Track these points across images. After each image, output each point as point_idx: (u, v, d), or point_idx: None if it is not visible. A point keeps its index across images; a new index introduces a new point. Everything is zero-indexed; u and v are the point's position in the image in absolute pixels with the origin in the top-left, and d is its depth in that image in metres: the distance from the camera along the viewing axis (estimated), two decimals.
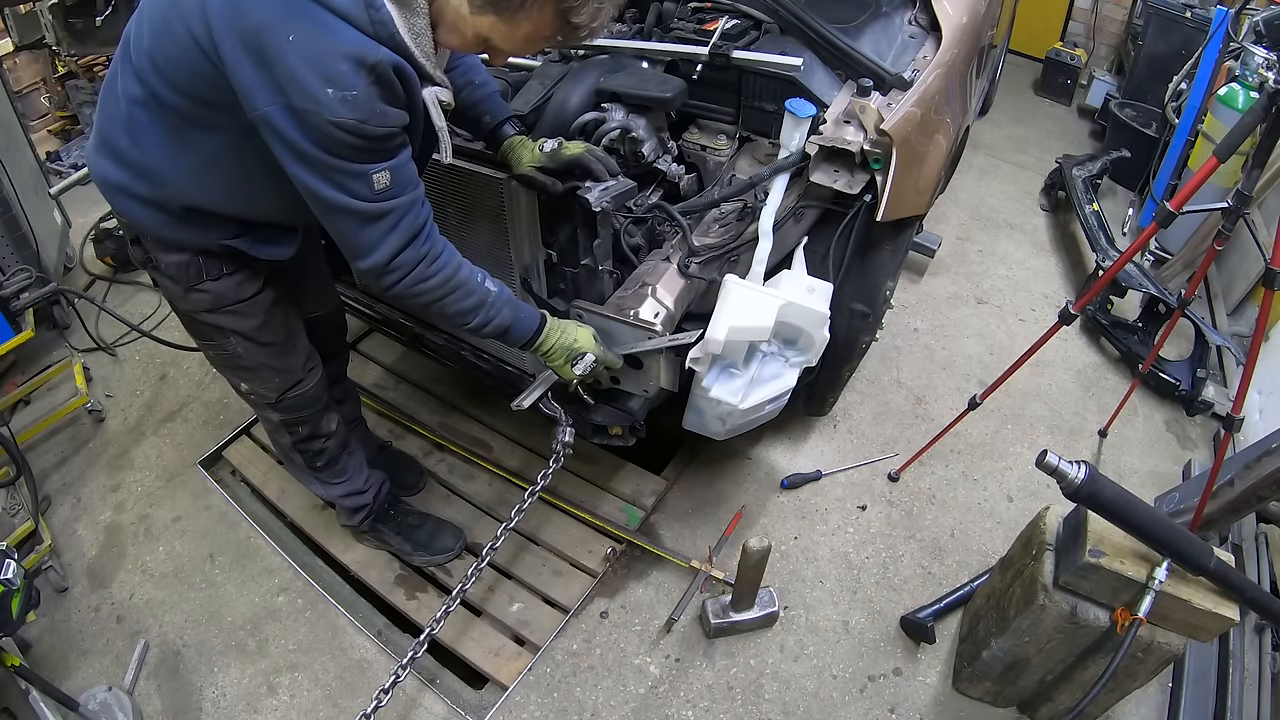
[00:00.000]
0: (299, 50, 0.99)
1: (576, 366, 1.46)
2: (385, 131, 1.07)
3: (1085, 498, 1.31)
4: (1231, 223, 1.71)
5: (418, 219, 1.19)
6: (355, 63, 1.00)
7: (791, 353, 1.73)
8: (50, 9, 3.22)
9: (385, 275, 1.20)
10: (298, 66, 0.99)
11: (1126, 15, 4.33)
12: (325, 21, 0.99)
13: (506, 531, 1.64)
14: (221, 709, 1.85)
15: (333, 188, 1.09)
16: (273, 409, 1.64)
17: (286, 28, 0.98)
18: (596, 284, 1.67)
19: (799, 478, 2.32)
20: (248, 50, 1.00)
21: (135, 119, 1.18)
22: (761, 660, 1.93)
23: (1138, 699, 1.81)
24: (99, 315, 2.85)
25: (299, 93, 1.00)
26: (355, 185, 1.10)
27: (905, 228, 1.88)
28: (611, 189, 1.53)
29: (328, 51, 0.99)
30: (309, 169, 1.08)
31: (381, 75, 1.03)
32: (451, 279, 1.26)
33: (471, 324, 1.33)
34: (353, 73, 1.01)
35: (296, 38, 0.98)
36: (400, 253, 1.18)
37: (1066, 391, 2.67)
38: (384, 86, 1.05)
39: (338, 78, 1.00)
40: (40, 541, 2.08)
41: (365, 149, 1.07)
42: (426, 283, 1.23)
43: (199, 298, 1.40)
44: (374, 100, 1.04)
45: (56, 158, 3.80)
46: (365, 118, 1.03)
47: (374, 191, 1.11)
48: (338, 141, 1.04)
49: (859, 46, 1.83)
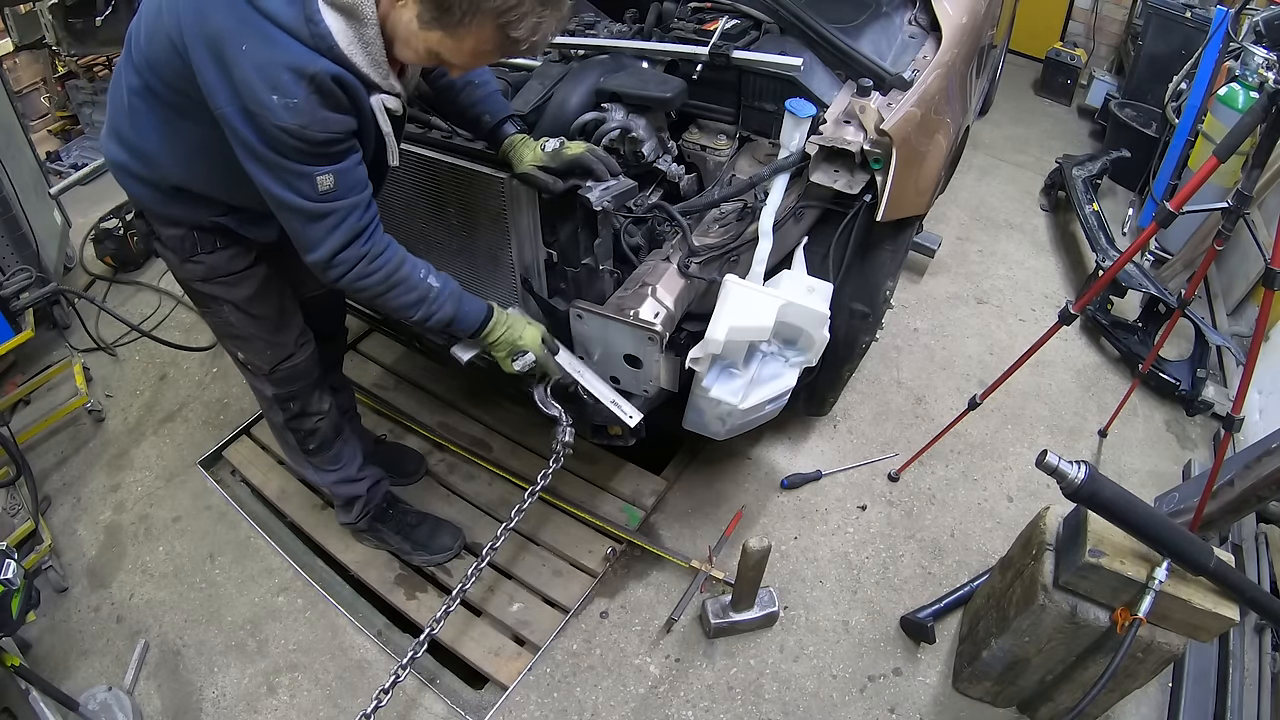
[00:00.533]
0: (250, 59, 1.08)
1: (516, 362, 1.51)
2: (327, 136, 1.15)
3: (1085, 498, 1.31)
4: (1231, 223, 1.71)
5: (360, 220, 1.26)
6: (295, 73, 1.09)
7: (791, 353, 1.73)
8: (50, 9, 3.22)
9: (328, 269, 1.28)
10: (249, 74, 1.09)
11: (1126, 15, 4.33)
12: (270, 34, 1.08)
13: (506, 531, 1.64)
14: (221, 709, 1.85)
15: (280, 185, 1.18)
16: (267, 380, 1.69)
17: (240, 38, 1.08)
18: (597, 284, 1.67)
19: (799, 478, 2.32)
20: (210, 54, 1.11)
21: (134, 107, 1.29)
22: (761, 660, 1.93)
23: (1138, 699, 1.81)
24: (99, 315, 2.85)
25: (250, 97, 1.10)
26: (300, 185, 1.18)
27: (905, 228, 1.88)
28: (613, 189, 1.53)
29: (272, 62, 1.09)
30: (259, 165, 1.17)
31: (321, 85, 1.11)
32: (393, 275, 1.32)
33: (414, 317, 1.39)
34: (293, 82, 1.09)
35: (248, 47, 1.08)
36: (342, 250, 1.26)
37: (1066, 391, 2.67)
38: (324, 95, 1.12)
39: (281, 86, 1.09)
40: (40, 541, 2.08)
41: (309, 152, 1.15)
42: (368, 278, 1.30)
43: (194, 268, 1.50)
44: (315, 107, 1.12)
45: (56, 158, 3.80)
46: (306, 123, 1.12)
47: (318, 192, 1.19)
48: (283, 144, 1.13)
49: (859, 46, 1.83)
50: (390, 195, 1.83)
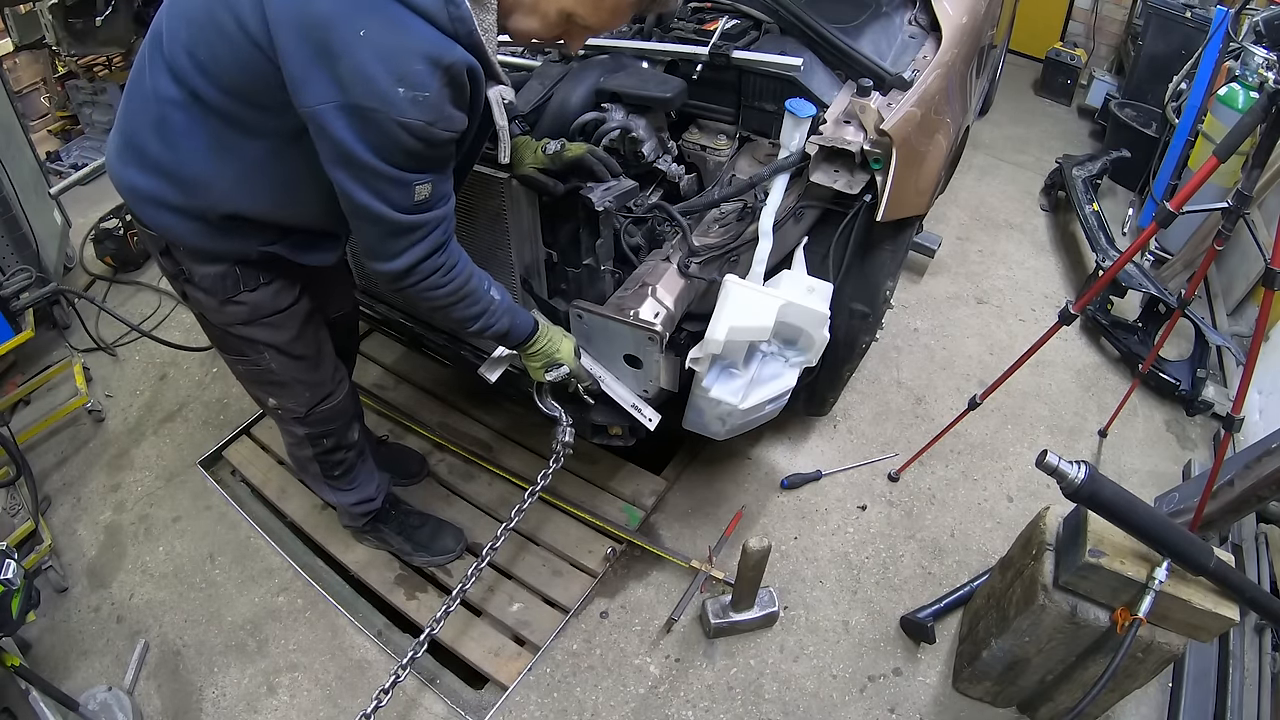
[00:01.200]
0: (371, 46, 0.94)
1: (550, 373, 1.50)
2: (446, 137, 1.04)
3: (1085, 498, 1.31)
4: (1231, 223, 1.71)
5: (444, 233, 1.18)
6: (431, 62, 0.96)
7: (791, 353, 1.73)
8: (50, 9, 3.22)
9: (403, 279, 1.18)
10: (369, 63, 0.94)
11: (1126, 15, 4.33)
12: (401, 17, 0.94)
13: (506, 531, 1.64)
14: (221, 709, 1.85)
15: (371, 194, 1.06)
16: (300, 423, 1.60)
17: (357, 21, 0.93)
18: (598, 284, 1.67)
19: (799, 478, 2.32)
20: (307, 41, 0.95)
21: (171, 121, 1.11)
22: (761, 660, 1.93)
23: (1138, 699, 1.81)
24: (99, 315, 2.85)
25: (366, 91, 0.95)
26: (395, 194, 1.06)
27: (905, 228, 1.88)
28: (614, 189, 1.53)
29: (403, 49, 0.95)
30: (350, 171, 1.04)
31: (455, 77, 1.00)
32: (463, 288, 1.26)
33: (473, 328, 1.34)
34: (428, 72, 0.96)
35: (369, 33, 0.93)
36: (422, 261, 1.17)
37: (1066, 391, 2.67)
38: (456, 89, 1.01)
39: (411, 77, 0.95)
40: (40, 541, 2.08)
41: (421, 155, 1.04)
42: (438, 290, 1.22)
43: (236, 310, 1.34)
44: (444, 103, 1.01)
45: (56, 158, 3.80)
46: (434, 120, 1.00)
47: (412, 202, 1.08)
48: (396, 145, 1.00)
49: (859, 46, 1.83)
50: None
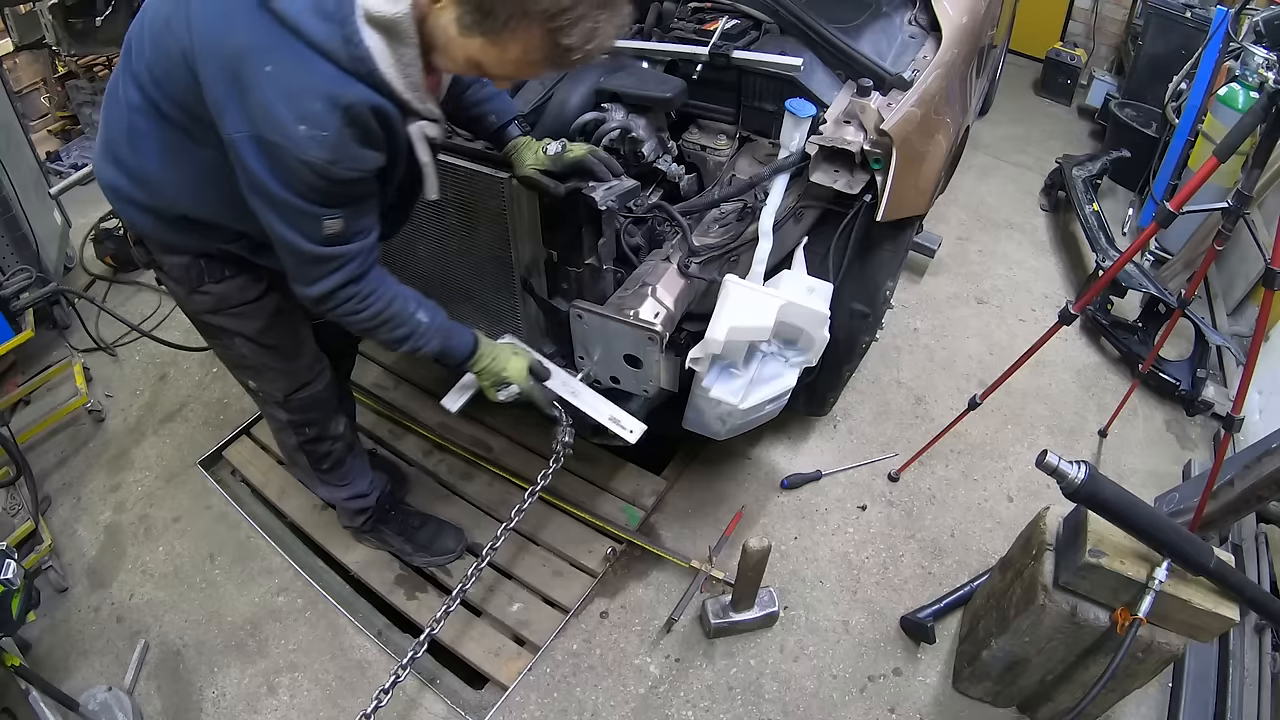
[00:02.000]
0: (275, 82, 0.97)
1: (501, 392, 1.49)
2: (353, 175, 1.06)
3: (1085, 498, 1.31)
4: (1231, 223, 1.71)
5: (360, 267, 1.19)
6: (329, 101, 0.98)
7: (791, 353, 1.73)
8: (50, 9, 3.22)
9: (320, 304, 1.22)
10: (273, 99, 0.97)
11: (1126, 15, 4.33)
12: (303, 55, 0.96)
13: (506, 531, 1.63)
14: (221, 709, 1.85)
15: (283, 224, 1.10)
16: (281, 408, 1.64)
17: (265, 58, 0.96)
18: (599, 284, 1.67)
19: (799, 478, 2.32)
20: (224, 73, 0.99)
21: (135, 126, 1.18)
22: (761, 660, 1.93)
23: (1138, 699, 1.81)
24: (99, 315, 2.84)
25: (270, 126, 0.98)
26: (305, 226, 1.09)
27: (905, 228, 1.88)
28: (615, 189, 1.53)
29: (303, 88, 0.97)
30: (262, 200, 1.08)
31: (356, 116, 1.01)
32: (382, 313, 1.27)
33: (403, 349, 1.35)
34: (327, 112, 0.98)
35: (275, 69, 0.96)
36: (338, 290, 1.20)
37: (1066, 391, 2.67)
38: (358, 128, 1.02)
39: (311, 116, 0.98)
40: (40, 541, 2.08)
41: (326, 191, 1.06)
42: (357, 315, 1.25)
43: (202, 299, 1.41)
44: (347, 142, 1.02)
45: (56, 158, 3.80)
46: (335, 159, 1.02)
47: (322, 235, 1.11)
48: (300, 180, 1.03)
49: (859, 46, 1.84)
50: None
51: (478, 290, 1.88)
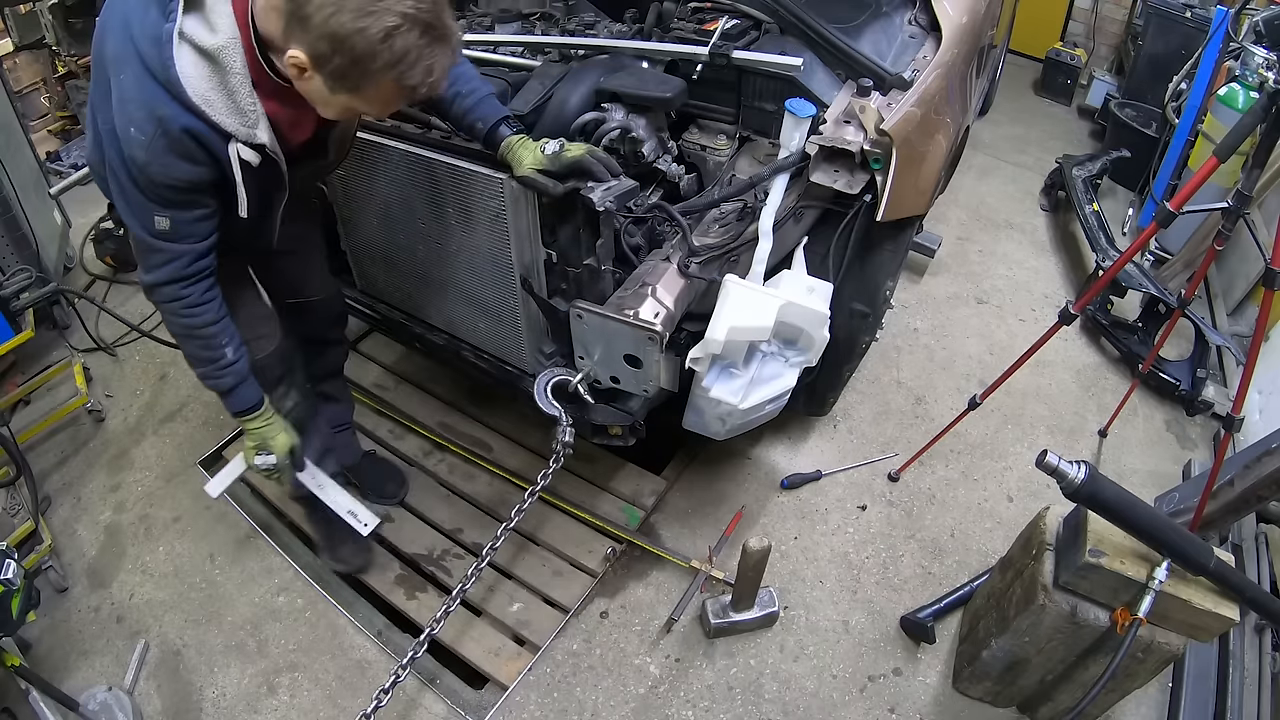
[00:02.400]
0: (122, 89, 1.16)
1: (259, 458, 1.58)
2: (167, 182, 1.20)
3: (1085, 498, 1.31)
4: (1231, 223, 1.71)
5: (185, 269, 1.32)
6: (147, 111, 1.14)
7: (791, 353, 1.73)
8: (50, 9, 3.23)
9: (148, 292, 1.36)
10: (118, 102, 1.17)
11: (1126, 15, 4.34)
12: (137, 71, 1.13)
13: (506, 531, 1.63)
14: (221, 709, 1.85)
15: (125, 207, 1.26)
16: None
17: (120, 68, 1.15)
18: (598, 284, 1.67)
19: (799, 478, 2.32)
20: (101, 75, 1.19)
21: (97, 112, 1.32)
22: (761, 660, 1.93)
23: (1138, 699, 1.81)
24: (99, 315, 2.84)
25: (119, 124, 1.17)
26: (140, 215, 1.25)
27: (905, 228, 1.88)
28: (614, 189, 1.52)
29: (133, 97, 1.14)
30: (115, 185, 1.24)
31: (168, 130, 1.15)
32: (196, 330, 1.39)
33: (197, 370, 1.46)
34: (145, 120, 1.14)
35: (124, 78, 1.15)
36: (162, 286, 1.33)
37: (1066, 391, 2.67)
38: (171, 140, 1.16)
39: (135, 121, 1.15)
40: (40, 541, 2.08)
41: (149, 190, 1.21)
42: (174, 318, 1.38)
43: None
44: (161, 151, 1.16)
45: (56, 158, 3.80)
46: (149, 162, 1.17)
47: (154, 229, 1.26)
48: (127, 175, 1.21)
49: (859, 46, 1.83)
50: (390, 195, 1.83)
51: (477, 290, 1.88)
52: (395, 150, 1.73)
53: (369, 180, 1.85)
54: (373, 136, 1.74)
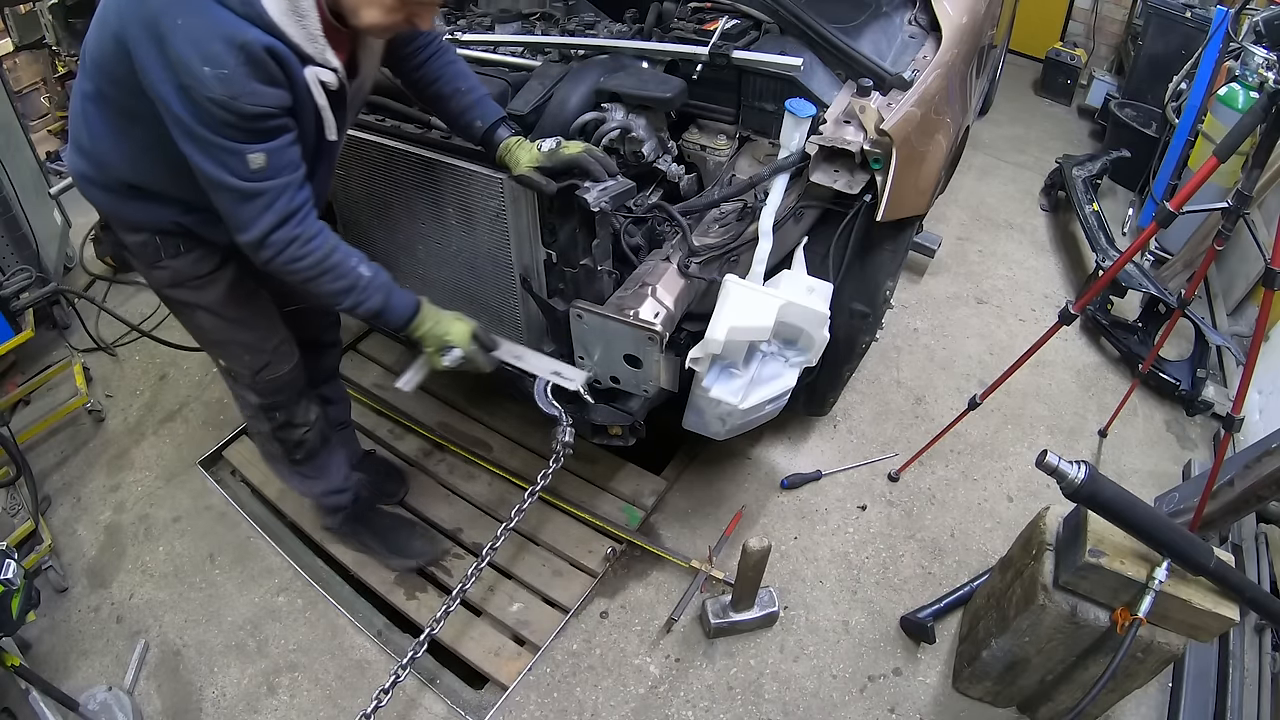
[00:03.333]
0: (184, 31, 1.10)
1: (445, 357, 1.49)
2: (258, 110, 1.15)
3: (1085, 498, 1.31)
4: (1231, 223, 1.71)
5: (292, 202, 1.26)
6: (225, 41, 1.10)
7: (791, 353, 1.73)
8: (50, 9, 3.22)
9: (260, 250, 1.27)
10: (182, 46, 1.10)
11: (1126, 15, 4.34)
12: (203, 5, 1.10)
13: (506, 531, 1.63)
14: (221, 709, 1.85)
15: (212, 163, 1.18)
16: (251, 390, 1.68)
17: (176, 12, 1.10)
18: (596, 284, 1.67)
19: (799, 478, 2.32)
20: (147, 33, 1.11)
21: (87, 113, 1.31)
22: (761, 660, 1.93)
23: (1138, 699, 1.81)
24: (99, 315, 2.85)
25: (184, 70, 1.10)
26: (232, 162, 1.18)
27: (905, 228, 1.88)
28: (610, 189, 1.52)
29: (204, 32, 1.10)
30: (193, 143, 1.17)
31: (251, 54, 1.11)
32: (324, 261, 1.32)
33: (344, 304, 1.38)
34: (224, 51, 1.10)
35: (184, 20, 1.10)
36: (274, 231, 1.25)
37: (1066, 391, 2.67)
38: (255, 65, 1.12)
39: (212, 56, 1.10)
40: (40, 541, 2.08)
41: (240, 127, 1.15)
42: (299, 262, 1.30)
43: (160, 274, 1.49)
44: (245, 78, 1.12)
45: (56, 158, 3.79)
46: (236, 94, 1.12)
47: (249, 170, 1.19)
48: (214, 118, 1.13)
49: (859, 46, 1.83)
50: (390, 195, 1.83)
51: (477, 290, 1.88)
52: (395, 150, 1.73)
53: (369, 180, 1.85)
54: (373, 136, 1.75)
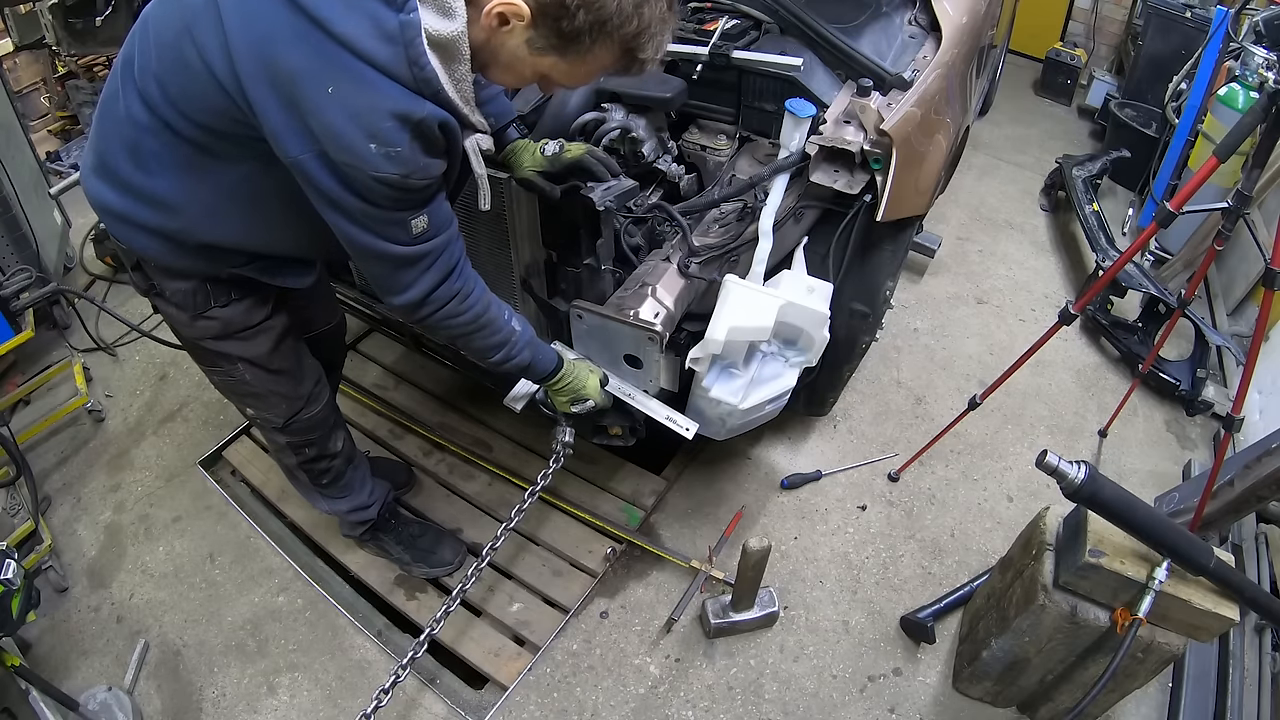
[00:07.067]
0: (340, 103, 0.96)
1: (576, 407, 1.53)
2: (426, 183, 1.08)
3: (1085, 498, 1.31)
4: (1231, 223, 1.71)
5: (452, 258, 1.20)
6: (400, 120, 0.99)
7: (791, 353, 1.73)
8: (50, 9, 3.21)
9: (419, 309, 1.20)
10: (339, 121, 0.97)
11: (1126, 15, 4.33)
12: (367, 77, 0.96)
13: (506, 531, 1.64)
14: (221, 709, 1.85)
15: (370, 234, 1.10)
16: (280, 432, 1.62)
17: (325, 79, 0.95)
18: (598, 284, 1.67)
19: (799, 478, 2.32)
20: (279, 96, 0.98)
21: (143, 146, 1.13)
22: (761, 660, 1.93)
23: (1138, 699, 1.81)
24: (99, 315, 2.85)
25: (338, 147, 0.98)
26: (393, 231, 1.10)
27: (905, 228, 1.88)
28: (614, 189, 1.53)
29: (371, 108, 0.97)
30: (345, 217, 1.08)
31: (425, 131, 1.02)
32: (481, 316, 1.27)
33: (494, 358, 1.34)
34: (397, 129, 0.99)
35: (337, 90, 0.96)
36: (434, 289, 1.19)
37: (1066, 391, 2.67)
38: (427, 141, 1.04)
39: (382, 134, 0.98)
40: (40, 541, 2.08)
41: (405, 200, 1.07)
42: (458, 318, 1.24)
43: (207, 325, 1.36)
44: (417, 155, 1.03)
45: (56, 158, 3.80)
46: (409, 172, 1.03)
47: (411, 236, 1.11)
48: (378, 194, 1.04)
49: (859, 46, 1.83)
50: None
51: None
52: None
53: None
54: None
